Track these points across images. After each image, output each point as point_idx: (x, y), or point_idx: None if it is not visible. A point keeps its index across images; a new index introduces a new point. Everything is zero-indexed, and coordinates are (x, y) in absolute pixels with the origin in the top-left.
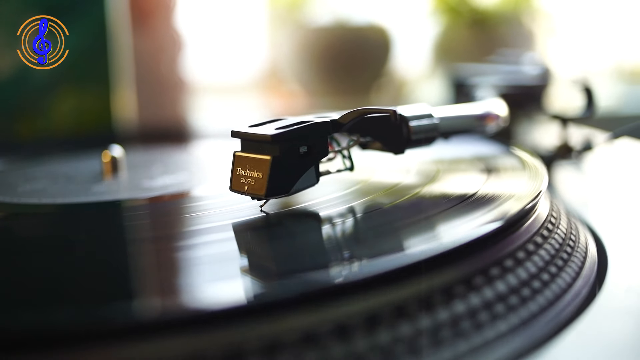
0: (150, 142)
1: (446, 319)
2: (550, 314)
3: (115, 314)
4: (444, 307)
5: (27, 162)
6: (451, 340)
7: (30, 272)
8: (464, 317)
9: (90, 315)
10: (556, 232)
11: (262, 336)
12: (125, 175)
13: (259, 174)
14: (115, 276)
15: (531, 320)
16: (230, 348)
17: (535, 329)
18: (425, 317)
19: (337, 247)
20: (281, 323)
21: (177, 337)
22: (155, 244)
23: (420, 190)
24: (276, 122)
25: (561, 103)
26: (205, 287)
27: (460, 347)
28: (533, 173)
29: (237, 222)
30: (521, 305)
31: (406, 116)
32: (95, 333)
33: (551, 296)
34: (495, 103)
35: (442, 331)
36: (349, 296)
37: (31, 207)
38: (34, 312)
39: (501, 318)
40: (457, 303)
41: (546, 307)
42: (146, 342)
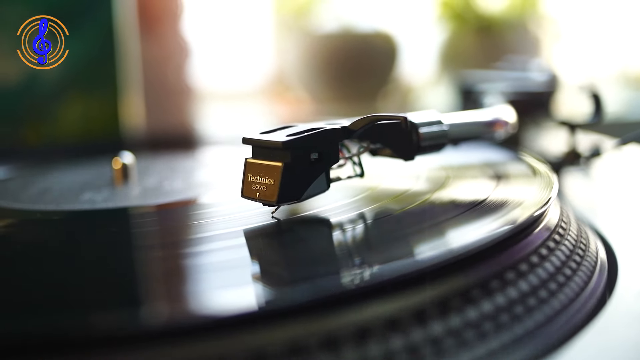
0: (157, 148)
1: (455, 326)
2: (562, 319)
3: (123, 321)
4: (454, 313)
5: (34, 169)
6: (455, 350)
7: (37, 278)
8: (469, 325)
9: (98, 322)
10: (567, 238)
11: (275, 342)
12: (135, 182)
13: (271, 180)
14: (124, 283)
15: (544, 326)
16: (243, 354)
17: (547, 335)
18: (438, 323)
19: (349, 253)
20: (293, 329)
21: (186, 344)
22: (165, 250)
23: (430, 197)
24: (287, 129)
25: (568, 109)
26: (217, 294)
27: (463, 357)
28: (543, 179)
29: (248, 229)
30: (534, 310)
31: (416, 123)
32: (103, 340)
33: (565, 300)
34: (503, 109)
35: (446, 340)
36: (362, 303)
37: (39, 213)
38: (41, 318)
39: (516, 323)
40: (468, 309)
41: (559, 311)
42: (154, 350)
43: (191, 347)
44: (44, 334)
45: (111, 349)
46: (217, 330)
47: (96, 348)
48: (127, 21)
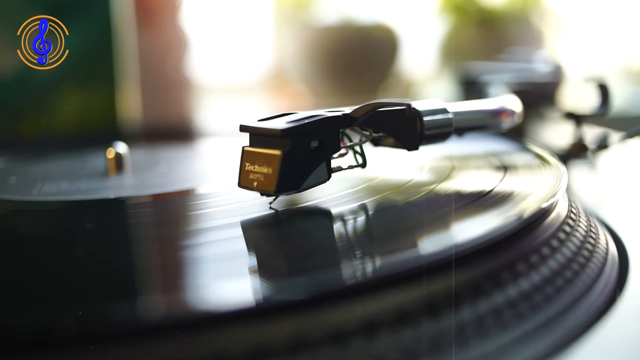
0: (154, 140)
1: (458, 321)
2: (574, 313)
3: (117, 314)
4: (457, 308)
5: (30, 161)
6: (458, 348)
7: (31, 270)
8: (472, 322)
9: (92, 315)
10: (577, 230)
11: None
12: (129, 172)
13: (269, 169)
14: (116, 275)
15: (557, 319)
16: (241, 348)
17: (558, 330)
18: (445, 317)
19: (350, 245)
20: (290, 324)
21: (179, 339)
22: (160, 241)
23: (436, 187)
24: (286, 116)
25: (573, 101)
26: (212, 286)
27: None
28: (551, 170)
29: (245, 220)
30: (544, 304)
31: (420, 110)
32: (97, 333)
33: (577, 293)
34: (509, 99)
35: (448, 337)
36: (361, 297)
37: (34, 204)
38: (35, 312)
39: (536, 312)
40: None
41: (571, 304)
42: (149, 343)
43: (184, 342)
44: (36, 328)
45: (103, 343)
46: (212, 326)
47: (88, 342)
48: (125, 13)
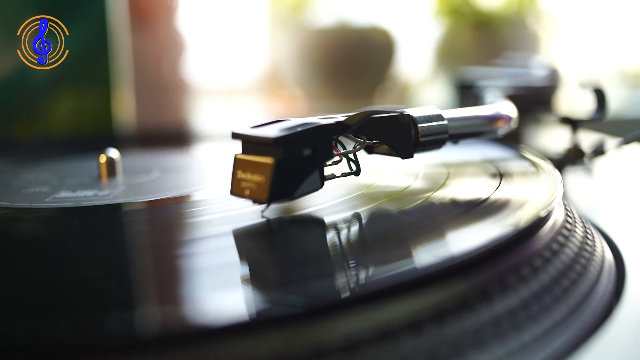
0: (149, 144)
1: (451, 334)
2: (571, 323)
3: (110, 326)
4: (451, 319)
5: (24, 164)
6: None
7: (23, 279)
8: (466, 334)
9: (85, 327)
10: (572, 238)
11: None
12: (122, 178)
13: (261, 177)
14: (108, 284)
15: (554, 328)
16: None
17: (554, 340)
18: (435, 329)
19: (343, 255)
20: (282, 337)
21: (169, 352)
22: (152, 250)
23: (431, 195)
24: (279, 123)
25: (569, 106)
26: (203, 298)
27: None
28: (547, 177)
29: (237, 228)
30: (543, 312)
31: (415, 117)
32: (90, 345)
33: (573, 304)
34: (504, 105)
35: (442, 348)
36: (356, 308)
37: (26, 210)
38: (26, 323)
39: (535, 320)
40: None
41: (568, 313)
42: (143, 356)
43: (175, 356)
44: (27, 340)
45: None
46: (202, 339)
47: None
48: (120, 15)
